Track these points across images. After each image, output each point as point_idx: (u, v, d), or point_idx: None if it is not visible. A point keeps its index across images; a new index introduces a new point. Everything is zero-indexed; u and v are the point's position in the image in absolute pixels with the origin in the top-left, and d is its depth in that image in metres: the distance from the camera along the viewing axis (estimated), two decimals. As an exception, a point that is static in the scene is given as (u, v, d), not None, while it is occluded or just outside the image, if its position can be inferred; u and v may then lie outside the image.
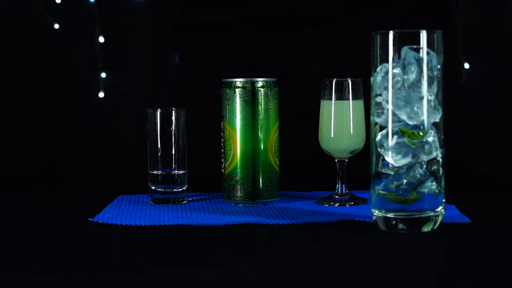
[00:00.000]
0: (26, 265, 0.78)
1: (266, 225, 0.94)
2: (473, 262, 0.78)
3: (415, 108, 0.88)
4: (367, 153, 0.93)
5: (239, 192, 1.05)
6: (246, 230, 0.92)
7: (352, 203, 1.06)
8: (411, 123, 0.88)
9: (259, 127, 1.05)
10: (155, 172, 1.08)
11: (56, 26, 2.03)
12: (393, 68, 0.88)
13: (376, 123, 0.90)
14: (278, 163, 1.07)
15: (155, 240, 0.89)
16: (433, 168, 0.89)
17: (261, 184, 1.05)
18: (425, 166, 0.88)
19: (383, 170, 0.89)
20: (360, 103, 1.06)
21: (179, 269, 0.76)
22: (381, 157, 0.89)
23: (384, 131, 0.89)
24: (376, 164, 0.90)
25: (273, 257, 0.81)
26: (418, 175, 0.88)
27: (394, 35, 0.88)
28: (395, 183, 0.88)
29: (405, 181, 0.88)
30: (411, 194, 0.87)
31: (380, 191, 0.89)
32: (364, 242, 0.87)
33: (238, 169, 1.04)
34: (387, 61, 0.88)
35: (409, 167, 0.88)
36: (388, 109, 0.88)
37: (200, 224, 0.94)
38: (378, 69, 0.89)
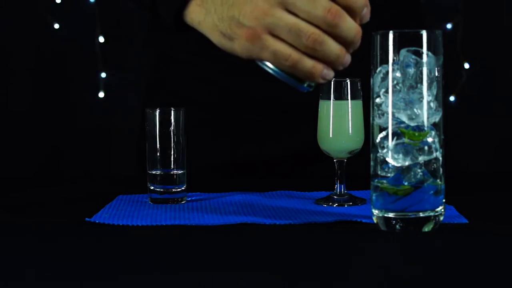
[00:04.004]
0: (24, 265, 0.78)
1: (263, 225, 0.94)
2: (472, 262, 0.78)
3: (415, 110, 0.88)
4: (366, 153, 0.93)
5: None
6: (243, 230, 0.92)
7: (351, 203, 1.06)
8: (411, 124, 0.88)
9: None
10: (154, 172, 1.08)
11: (56, 26, 2.03)
12: (393, 69, 0.88)
13: (376, 124, 0.90)
14: None
15: (152, 240, 0.89)
16: (433, 168, 0.89)
17: None
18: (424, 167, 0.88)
19: (383, 171, 0.89)
20: (359, 103, 1.06)
21: (177, 269, 0.76)
22: (381, 158, 0.89)
23: (384, 132, 0.89)
24: (376, 165, 0.90)
25: (271, 257, 0.81)
26: (418, 175, 0.88)
27: (394, 35, 0.88)
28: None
29: (406, 182, 0.88)
30: (403, 186, 0.88)
31: (382, 185, 0.89)
32: (364, 242, 0.87)
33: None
34: (387, 62, 0.88)
35: (409, 167, 0.88)
36: (388, 110, 0.88)
37: (197, 224, 0.94)
38: (378, 70, 0.89)
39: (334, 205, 1.05)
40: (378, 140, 0.89)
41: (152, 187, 1.07)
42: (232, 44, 0.87)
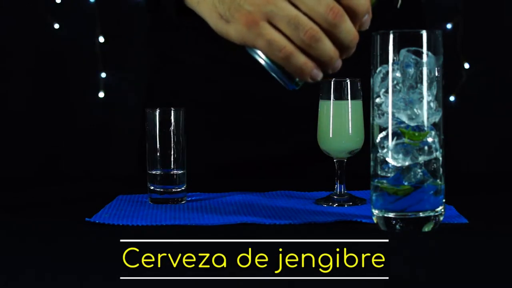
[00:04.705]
0: (24, 265, 0.78)
1: (263, 225, 0.94)
2: (473, 262, 0.78)
3: (415, 110, 0.88)
4: (366, 153, 0.93)
5: None
6: (243, 230, 0.92)
7: (351, 203, 1.06)
8: (411, 124, 0.88)
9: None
10: (154, 172, 1.07)
11: (56, 26, 2.02)
12: (393, 69, 0.88)
13: (376, 124, 0.90)
14: None
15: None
16: (433, 168, 0.89)
17: None
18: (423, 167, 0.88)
19: (383, 171, 0.89)
20: (359, 103, 1.06)
21: (177, 269, 0.76)
22: (381, 158, 0.89)
23: (384, 132, 0.89)
24: (376, 165, 0.90)
25: (270, 257, 0.80)
26: (418, 175, 0.88)
27: (394, 35, 0.88)
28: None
29: (406, 182, 0.88)
30: (403, 186, 0.88)
31: (382, 185, 0.89)
32: (365, 242, 0.86)
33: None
34: (387, 62, 0.88)
35: (409, 167, 0.88)
36: (388, 110, 0.88)
37: (197, 224, 0.94)
38: (378, 70, 0.89)
39: (334, 205, 1.05)
40: (378, 140, 0.89)
41: (152, 187, 1.07)
42: (228, 28, 0.86)
